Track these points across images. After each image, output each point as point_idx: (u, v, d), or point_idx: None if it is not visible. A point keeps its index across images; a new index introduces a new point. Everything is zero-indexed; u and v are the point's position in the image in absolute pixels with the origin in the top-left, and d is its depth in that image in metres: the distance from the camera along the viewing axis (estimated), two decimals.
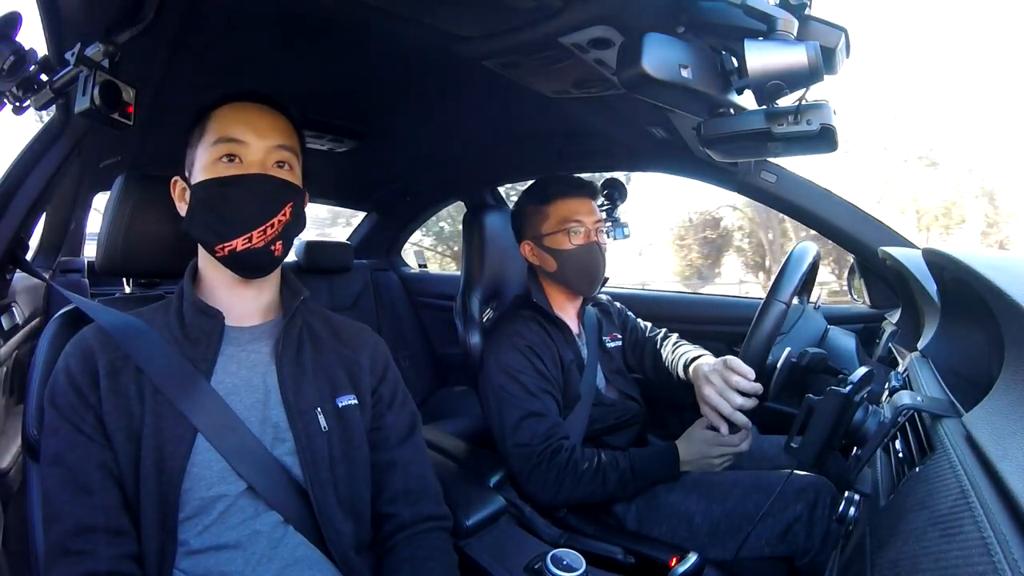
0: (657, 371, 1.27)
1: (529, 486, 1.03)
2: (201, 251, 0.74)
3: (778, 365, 1.04)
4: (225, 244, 0.69)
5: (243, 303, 0.74)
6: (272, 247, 0.71)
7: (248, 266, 0.71)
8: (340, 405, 0.74)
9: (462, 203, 2.17)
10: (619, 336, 1.31)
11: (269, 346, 0.74)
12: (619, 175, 1.64)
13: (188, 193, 0.72)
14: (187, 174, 0.74)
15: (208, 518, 0.64)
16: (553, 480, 1.00)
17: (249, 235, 0.69)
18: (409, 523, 0.76)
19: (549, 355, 1.12)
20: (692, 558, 0.85)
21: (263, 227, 0.69)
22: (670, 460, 1.02)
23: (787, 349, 1.06)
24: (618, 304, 1.40)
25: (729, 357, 1.01)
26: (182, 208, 0.74)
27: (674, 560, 0.87)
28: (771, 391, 1.02)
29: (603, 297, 1.40)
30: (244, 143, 0.70)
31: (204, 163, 0.71)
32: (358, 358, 0.79)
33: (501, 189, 2.20)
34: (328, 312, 0.85)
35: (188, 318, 0.71)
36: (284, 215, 0.71)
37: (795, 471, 0.72)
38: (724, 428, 0.98)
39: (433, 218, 5.93)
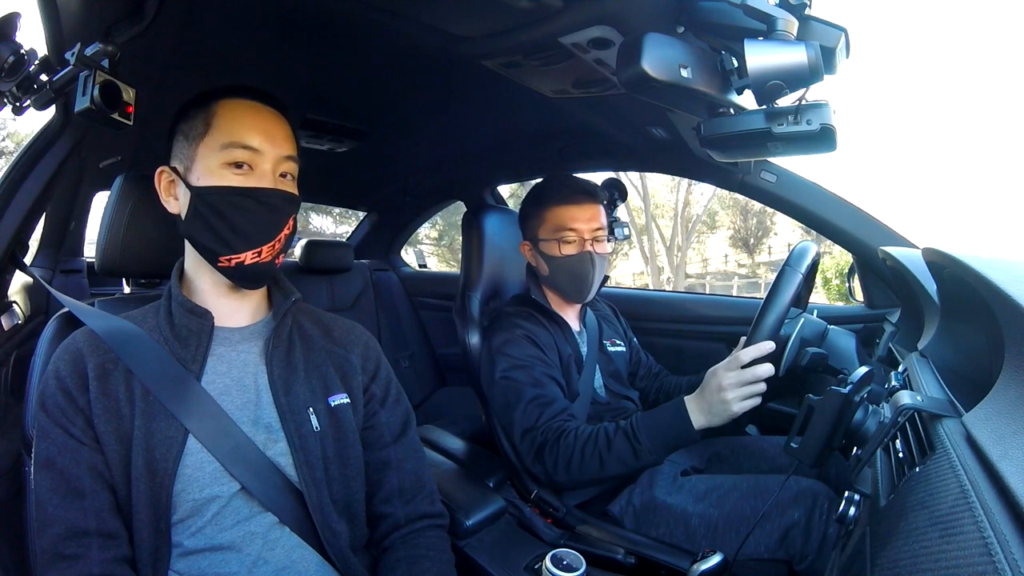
0: (662, 392, 1.32)
1: (537, 467, 1.03)
2: (194, 255, 0.72)
3: (790, 339, 0.98)
4: (232, 256, 0.68)
5: (231, 306, 0.74)
6: (276, 260, 0.71)
7: (251, 278, 0.71)
8: (332, 404, 0.73)
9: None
10: (621, 343, 1.31)
11: (259, 346, 0.73)
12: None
13: (184, 193, 0.69)
14: (180, 169, 0.70)
15: (202, 519, 0.64)
16: (563, 462, 0.98)
17: (259, 249, 0.69)
18: (404, 522, 0.76)
19: (549, 346, 1.13)
20: (715, 558, 0.81)
21: (272, 242, 0.70)
22: (674, 410, 0.93)
23: (803, 318, 1.02)
24: (623, 320, 1.42)
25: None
26: (169, 202, 0.72)
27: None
28: (783, 364, 0.97)
29: (607, 307, 1.41)
30: (258, 152, 0.68)
31: (210, 166, 0.68)
32: (349, 356, 0.79)
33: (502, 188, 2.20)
34: (319, 311, 0.84)
35: (177, 318, 0.70)
36: (288, 228, 0.71)
37: (793, 475, 0.70)
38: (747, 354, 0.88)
39: None
